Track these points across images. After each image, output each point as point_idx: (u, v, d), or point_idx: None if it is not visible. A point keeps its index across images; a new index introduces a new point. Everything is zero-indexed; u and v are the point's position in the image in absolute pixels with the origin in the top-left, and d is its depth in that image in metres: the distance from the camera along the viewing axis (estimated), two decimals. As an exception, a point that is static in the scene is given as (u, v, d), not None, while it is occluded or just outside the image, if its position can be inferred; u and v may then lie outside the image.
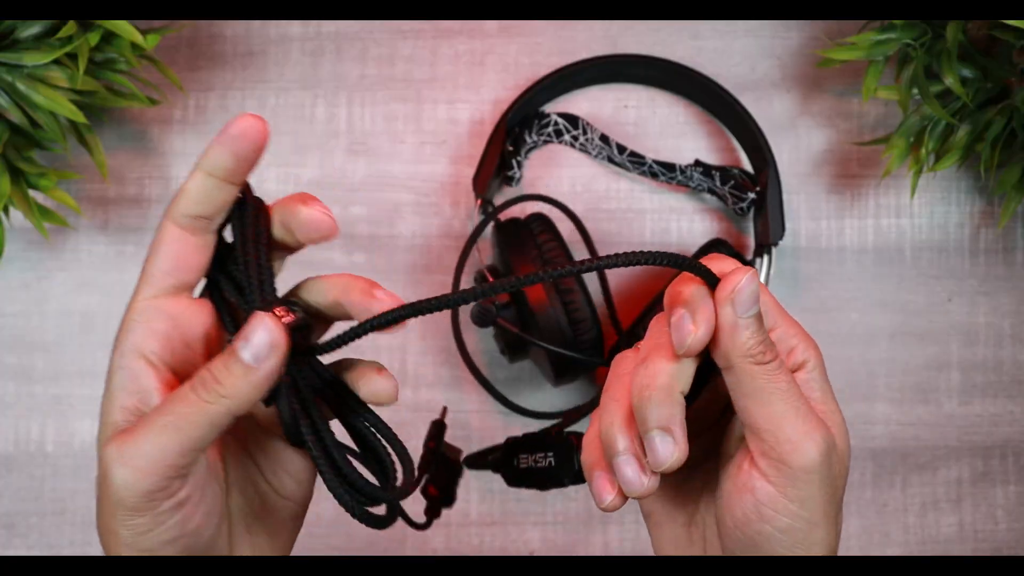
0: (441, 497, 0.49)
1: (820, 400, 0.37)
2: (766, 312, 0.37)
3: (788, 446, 0.35)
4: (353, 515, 0.36)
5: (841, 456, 0.37)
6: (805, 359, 0.38)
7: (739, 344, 0.35)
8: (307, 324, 0.36)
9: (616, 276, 0.65)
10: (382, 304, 0.36)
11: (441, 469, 0.50)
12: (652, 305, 0.61)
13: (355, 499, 0.36)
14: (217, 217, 0.38)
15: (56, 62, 0.55)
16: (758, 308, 0.35)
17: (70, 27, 0.53)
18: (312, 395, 0.36)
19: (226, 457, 0.39)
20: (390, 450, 0.39)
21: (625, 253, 0.34)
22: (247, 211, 0.38)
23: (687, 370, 0.36)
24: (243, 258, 0.37)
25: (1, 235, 0.59)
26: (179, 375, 0.36)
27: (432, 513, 0.49)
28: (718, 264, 0.36)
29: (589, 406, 0.63)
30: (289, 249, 0.39)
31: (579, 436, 0.44)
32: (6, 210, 0.59)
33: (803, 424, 0.35)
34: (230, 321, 0.38)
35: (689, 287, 0.36)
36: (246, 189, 0.38)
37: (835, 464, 0.36)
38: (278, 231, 0.39)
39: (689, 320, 0.35)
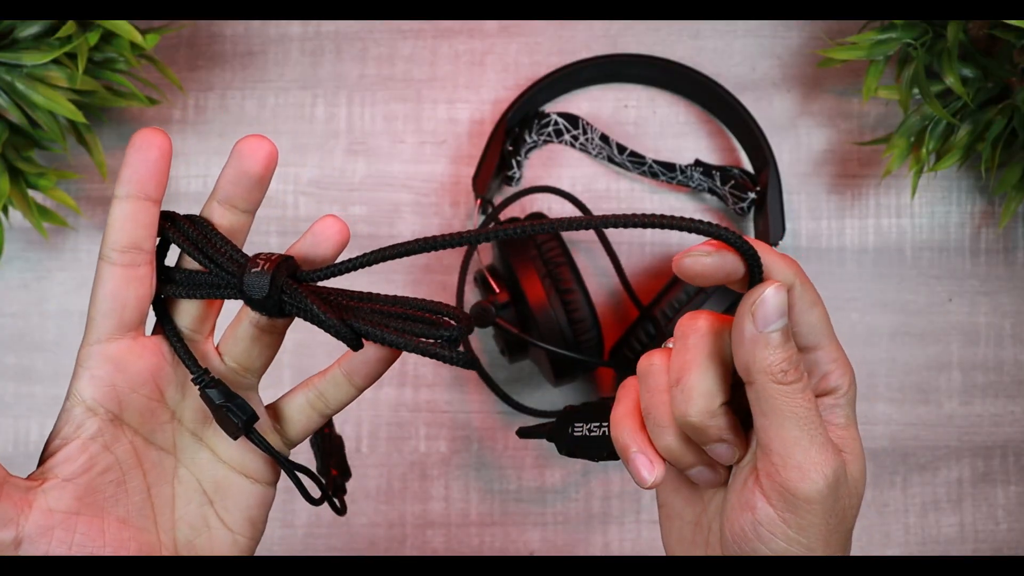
0: (341, 475, 0.51)
1: (842, 427, 0.36)
2: (811, 330, 0.36)
3: (796, 472, 0.34)
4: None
5: (854, 487, 0.36)
6: (838, 385, 0.37)
7: (759, 360, 0.34)
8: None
9: (613, 276, 0.65)
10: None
11: (333, 448, 0.52)
12: (670, 286, 0.60)
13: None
14: (147, 243, 0.37)
15: (55, 62, 0.55)
16: (783, 323, 0.33)
17: (69, 27, 0.53)
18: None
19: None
20: None
21: (672, 217, 0.32)
22: (179, 220, 0.38)
23: (721, 382, 0.35)
24: (199, 246, 0.37)
25: (1, 235, 0.59)
26: (124, 420, 0.37)
27: (341, 492, 0.49)
28: (757, 247, 0.34)
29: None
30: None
31: None
32: (5, 210, 0.59)
33: (816, 453, 0.34)
34: (182, 349, 0.37)
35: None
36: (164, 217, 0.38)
37: (844, 496, 0.35)
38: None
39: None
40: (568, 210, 0.63)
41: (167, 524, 0.38)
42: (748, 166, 0.64)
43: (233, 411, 0.37)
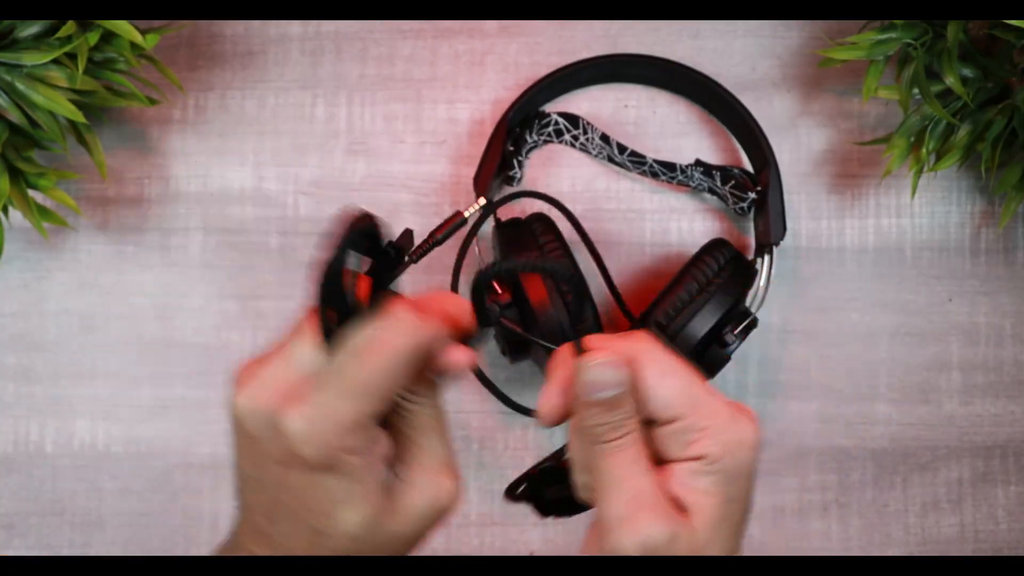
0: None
1: (698, 490, 0.37)
2: (666, 402, 0.37)
3: (606, 523, 0.36)
4: None
5: (691, 546, 0.36)
6: (704, 454, 0.37)
7: (580, 417, 0.37)
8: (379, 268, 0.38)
9: (613, 276, 0.65)
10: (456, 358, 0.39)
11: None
12: (671, 287, 0.60)
13: None
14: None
15: (55, 62, 0.55)
16: (611, 394, 0.36)
17: (69, 27, 0.53)
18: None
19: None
20: None
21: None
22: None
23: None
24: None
25: (1, 235, 0.59)
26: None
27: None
28: (606, 343, 0.37)
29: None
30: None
31: None
32: (5, 210, 0.59)
33: (624, 508, 0.36)
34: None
35: (562, 353, 0.39)
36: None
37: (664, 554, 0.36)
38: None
39: (544, 392, 0.38)
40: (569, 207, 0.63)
41: None
42: (748, 166, 0.64)
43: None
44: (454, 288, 0.61)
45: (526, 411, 0.62)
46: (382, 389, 0.36)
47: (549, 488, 0.45)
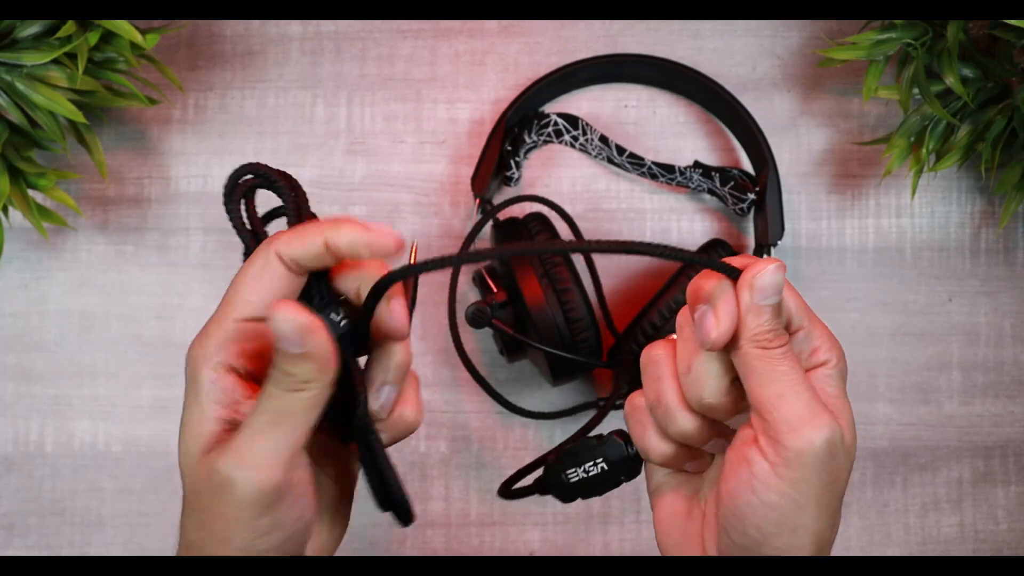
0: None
1: (834, 395, 0.39)
2: (794, 312, 0.39)
3: (785, 427, 0.37)
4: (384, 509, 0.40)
5: (847, 450, 0.38)
6: (827, 359, 0.40)
7: (749, 327, 0.37)
8: (349, 316, 0.38)
9: (613, 276, 0.65)
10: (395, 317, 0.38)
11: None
12: (651, 304, 0.60)
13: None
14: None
15: (55, 62, 0.55)
16: (777, 299, 0.37)
17: (69, 27, 0.53)
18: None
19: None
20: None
21: (655, 245, 0.36)
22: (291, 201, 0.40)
23: (726, 363, 0.39)
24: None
25: (1, 235, 0.59)
26: None
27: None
28: (744, 260, 0.38)
29: (589, 405, 0.63)
30: None
31: (623, 433, 0.44)
32: (5, 210, 0.59)
33: (804, 409, 0.37)
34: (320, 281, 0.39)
35: (710, 282, 0.38)
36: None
37: (838, 455, 0.37)
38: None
39: (711, 315, 0.38)
40: (568, 207, 0.63)
41: None
42: (748, 166, 0.64)
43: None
44: (453, 288, 0.61)
45: (523, 412, 0.62)
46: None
47: (570, 473, 0.46)
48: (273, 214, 0.41)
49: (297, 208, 0.39)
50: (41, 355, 0.65)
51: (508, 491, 0.50)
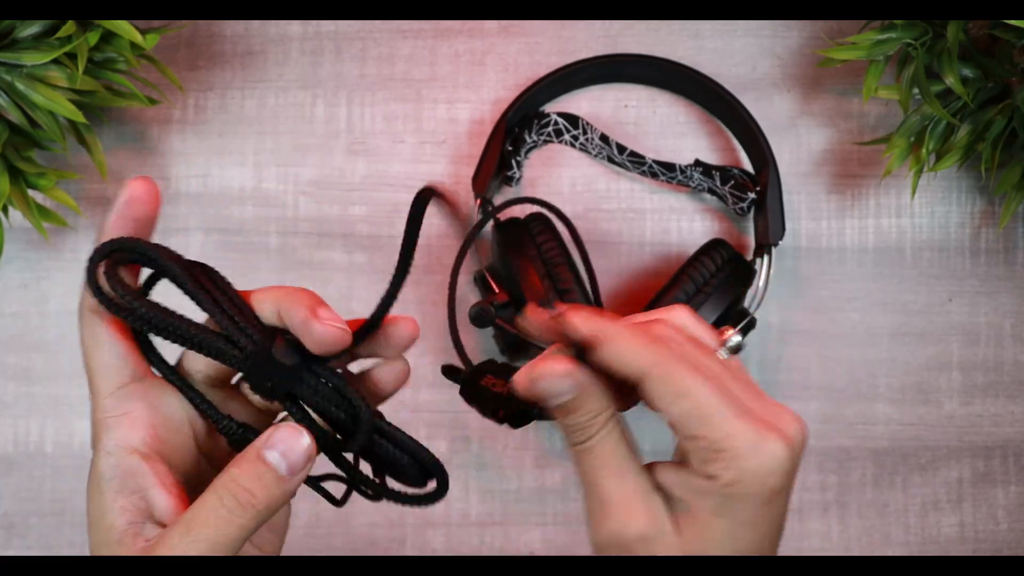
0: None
1: (707, 511, 0.35)
2: (681, 422, 0.35)
3: (588, 518, 0.37)
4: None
5: (644, 549, 0.36)
6: (715, 475, 0.34)
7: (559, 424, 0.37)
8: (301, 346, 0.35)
9: (614, 276, 0.65)
10: (323, 326, 0.35)
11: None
12: (669, 286, 0.60)
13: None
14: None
15: (55, 62, 0.55)
16: (561, 400, 0.36)
17: (69, 27, 0.53)
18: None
19: None
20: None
21: None
22: (179, 268, 0.36)
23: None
24: (216, 307, 0.35)
25: (1, 235, 0.59)
26: (171, 463, 0.36)
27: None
28: (587, 327, 0.36)
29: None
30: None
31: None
32: (5, 210, 0.59)
33: (593, 509, 0.37)
34: (201, 401, 0.36)
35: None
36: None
37: (632, 550, 0.36)
38: (271, 317, 0.36)
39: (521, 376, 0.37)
40: (568, 207, 0.63)
41: None
42: (748, 166, 0.64)
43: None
44: (451, 289, 0.60)
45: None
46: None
47: (485, 376, 0.44)
48: (152, 282, 0.39)
49: (214, 302, 0.36)
50: (41, 355, 0.65)
51: (444, 369, 0.48)
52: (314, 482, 0.39)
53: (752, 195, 0.62)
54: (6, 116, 0.56)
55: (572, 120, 0.64)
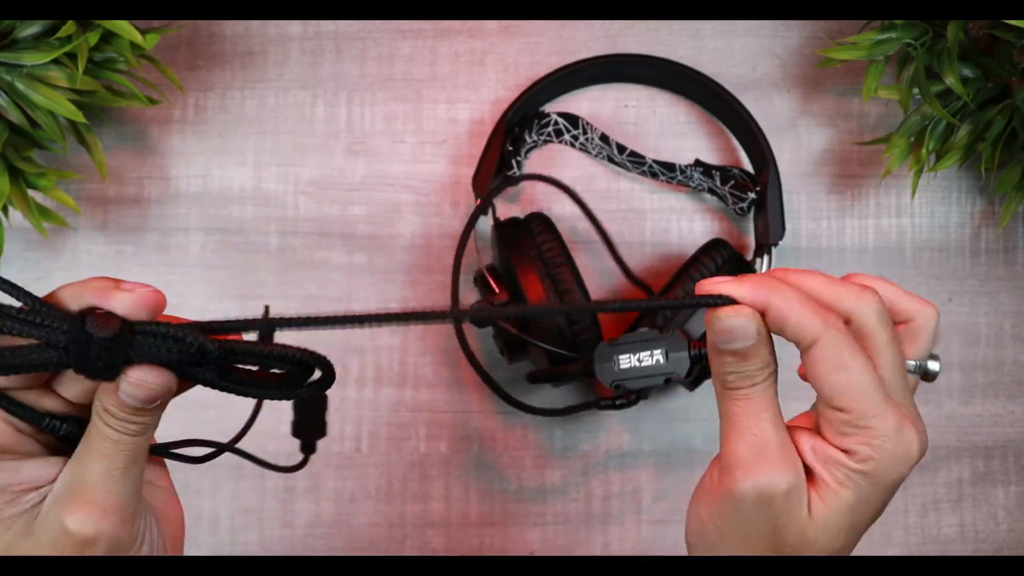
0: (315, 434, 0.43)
1: (837, 481, 0.37)
2: (834, 393, 0.36)
3: (726, 465, 0.37)
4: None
5: (784, 503, 0.37)
6: (853, 450, 0.36)
7: (712, 364, 0.38)
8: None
9: (615, 275, 0.65)
10: (122, 297, 0.34)
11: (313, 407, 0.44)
12: (670, 286, 0.60)
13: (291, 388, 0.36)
14: None
15: (55, 62, 0.55)
16: (740, 345, 0.37)
17: (69, 27, 0.53)
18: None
19: None
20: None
21: (653, 303, 0.37)
22: None
23: None
24: (8, 319, 0.33)
25: (0, 235, 0.59)
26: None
27: (310, 451, 0.43)
28: (739, 290, 0.37)
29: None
30: None
31: (693, 338, 0.44)
32: (5, 210, 0.59)
33: (746, 453, 0.37)
34: (17, 408, 0.35)
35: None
36: None
37: (773, 506, 0.36)
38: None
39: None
40: (569, 207, 0.63)
41: None
42: (748, 166, 0.64)
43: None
44: (454, 289, 0.61)
45: (528, 408, 0.62)
46: None
47: (623, 358, 0.45)
48: None
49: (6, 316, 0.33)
50: (41, 355, 0.64)
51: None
52: (164, 450, 0.40)
53: (752, 195, 0.62)
54: (6, 116, 0.56)
55: (572, 120, 0.64)
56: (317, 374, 0.36)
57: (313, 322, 0.35)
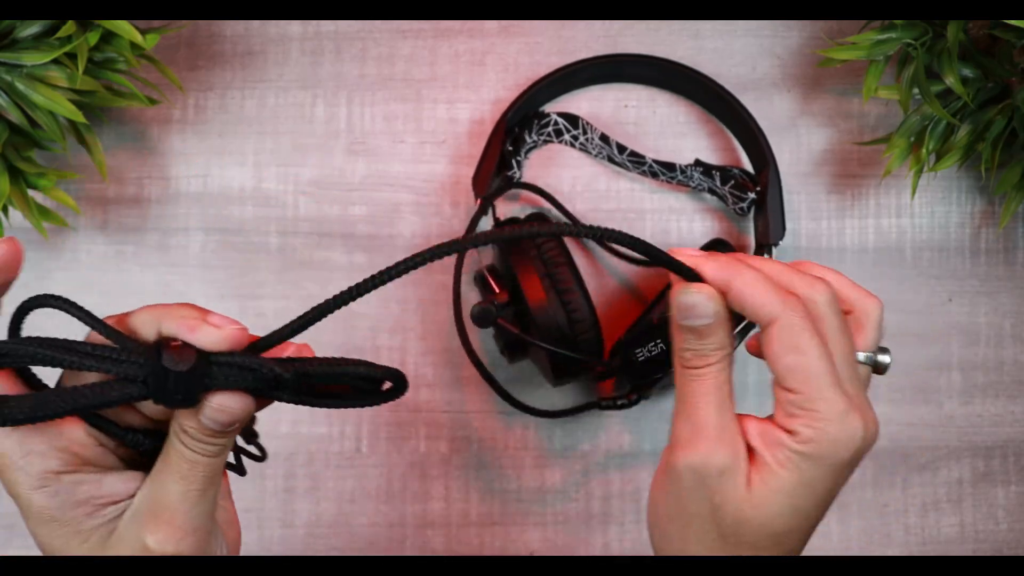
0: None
1: (777, 462, 0.37)
2: (786, 374, 0.37)
3: (670, 444, 0.39)
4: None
5: (732, 491, 0.37)
6: (796, 431, 0.37)
7: (674, 343, 0.39)
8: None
9: (616, 276, 0.65)
10: (210, 332, 0.34)
11: None
12: (653, 304, 0.60)
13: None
14: None
15: (55, 62, 0.55)
16: (699, 323, 0.38)
17: (69, 27, 0.53)
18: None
19: None
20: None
21: (630, 236, 0.36)
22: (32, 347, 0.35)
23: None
24: (88, 358, 0.34)
25: (0, 235, 0.59)
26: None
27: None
28: (710, 266, 0.38)
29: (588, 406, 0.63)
30: None
31: None
32: (5, 210, 0.59)
33: (683, 433, 0.38)
34: (104, 423, 0.36)
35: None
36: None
37: (710, 487, 0.37)
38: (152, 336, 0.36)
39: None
40: (577, 193, 0.63)
41: None
42: (748, 166, 0.64)
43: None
44: (456, 289, 0.61)
45: (530, 410, 0.62)
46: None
47: (638, 352, 0.45)
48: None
49: (83, 354, 0.34)
50: (41, 355, 0.64)
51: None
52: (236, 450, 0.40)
53: (752, 195, 0.62)
54: (6, 116, 0.56)
55: (572, 120, 0.64)
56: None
57: (320, 311, 0.34)
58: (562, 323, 0.56)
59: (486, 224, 0.62)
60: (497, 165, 0.62)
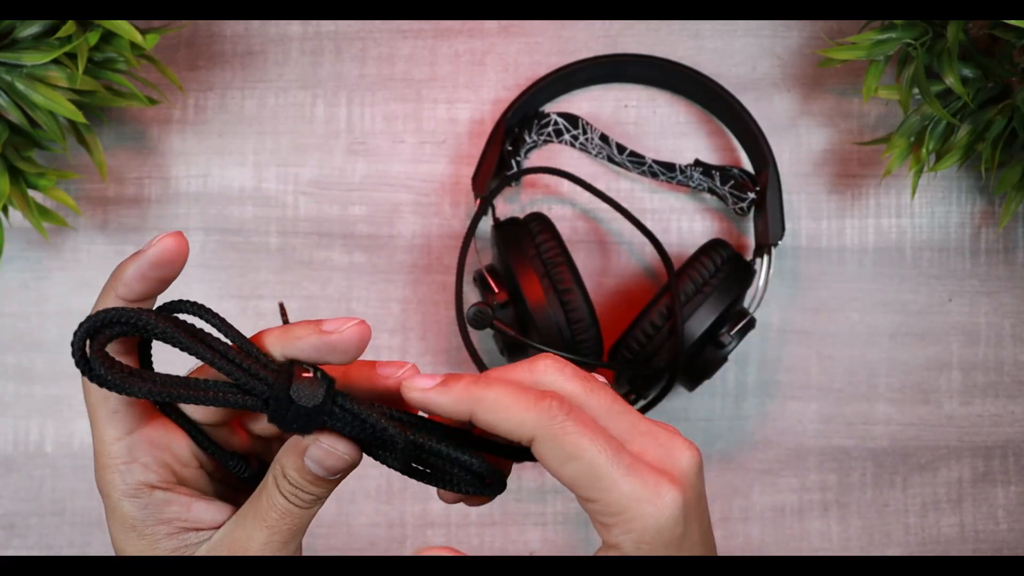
0: None
1: None
2: (574, 484, 0.34)
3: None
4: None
5: None
6: (617, 543, 0.34)
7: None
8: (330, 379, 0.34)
9: (616, 276, 0.65)
10: (337, 333, 0.34)
11: None
12: (652, 304, 0.60)
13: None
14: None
15: (55, 62, 0.55)
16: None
17: (69, 27, 0.53)
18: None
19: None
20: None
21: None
22: (176, 331, 0.34)
23: None
24: (224, 360, 0.34)
25: (0, 235, 0.59)
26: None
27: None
28: (438, 398, 0.35)
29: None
30: None
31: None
32: (5, 210, 0.59)
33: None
34: (209, 444, 0.36)
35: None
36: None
37: None
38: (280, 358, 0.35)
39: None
40: (569, 207, 0.63)
41: None
42: (748, 166, 0.64)
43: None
44: (458, 289, 0.61)
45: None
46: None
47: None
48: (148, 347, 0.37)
49: (222, 356, 0.34)
50: (41, 355, 0.65)
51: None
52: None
53: (752, 195, 0.62)
54: (6, 116, 0.56)
55: (572, 120, 0.64)
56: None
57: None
58: (561, 323, 0.56)
59: (485, 224, 0.62)
60: (497, 165, 0.62)
